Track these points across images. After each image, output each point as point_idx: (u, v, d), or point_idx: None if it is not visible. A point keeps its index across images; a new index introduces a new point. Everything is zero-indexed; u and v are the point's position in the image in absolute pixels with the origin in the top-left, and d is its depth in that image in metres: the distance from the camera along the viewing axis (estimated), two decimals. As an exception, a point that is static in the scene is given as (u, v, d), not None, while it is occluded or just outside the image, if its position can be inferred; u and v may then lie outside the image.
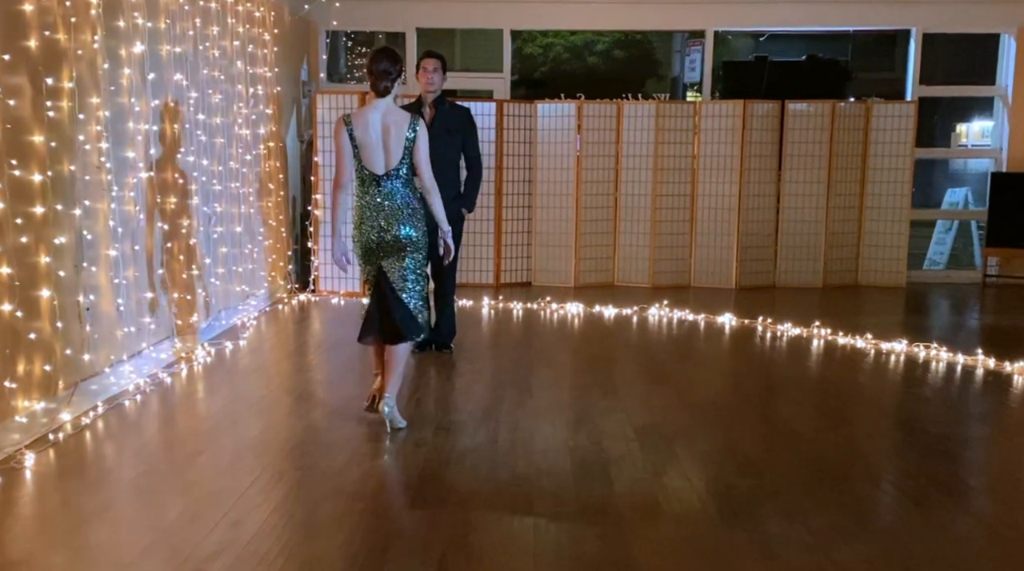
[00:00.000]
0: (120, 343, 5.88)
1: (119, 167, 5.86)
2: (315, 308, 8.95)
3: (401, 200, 4.97)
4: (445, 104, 6.86)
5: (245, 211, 8.28)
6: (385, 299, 5.02)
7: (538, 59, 22.00)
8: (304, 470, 4.51)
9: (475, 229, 10.24)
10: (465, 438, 5.06)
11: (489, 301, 9.19)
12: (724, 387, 6.25)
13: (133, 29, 6.03)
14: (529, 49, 22.09)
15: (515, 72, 22.41)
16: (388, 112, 4.97)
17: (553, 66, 21.84)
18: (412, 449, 4.85)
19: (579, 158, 10.31)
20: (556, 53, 21.92)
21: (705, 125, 10.44)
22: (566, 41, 21.75)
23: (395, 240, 4.94)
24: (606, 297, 9.47)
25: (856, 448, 4.98)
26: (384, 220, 4.95)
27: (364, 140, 4.93)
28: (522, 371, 6.63)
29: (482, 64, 21.81)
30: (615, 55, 21.31)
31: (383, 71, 4.96)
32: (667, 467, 4.62)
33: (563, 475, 4.49)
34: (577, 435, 5.12)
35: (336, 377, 6.52)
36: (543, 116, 10.38)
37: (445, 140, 6.72)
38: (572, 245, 10.40)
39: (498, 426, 5.28)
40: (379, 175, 4.94)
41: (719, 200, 10.46)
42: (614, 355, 7.15)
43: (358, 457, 4.73)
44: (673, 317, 8.65)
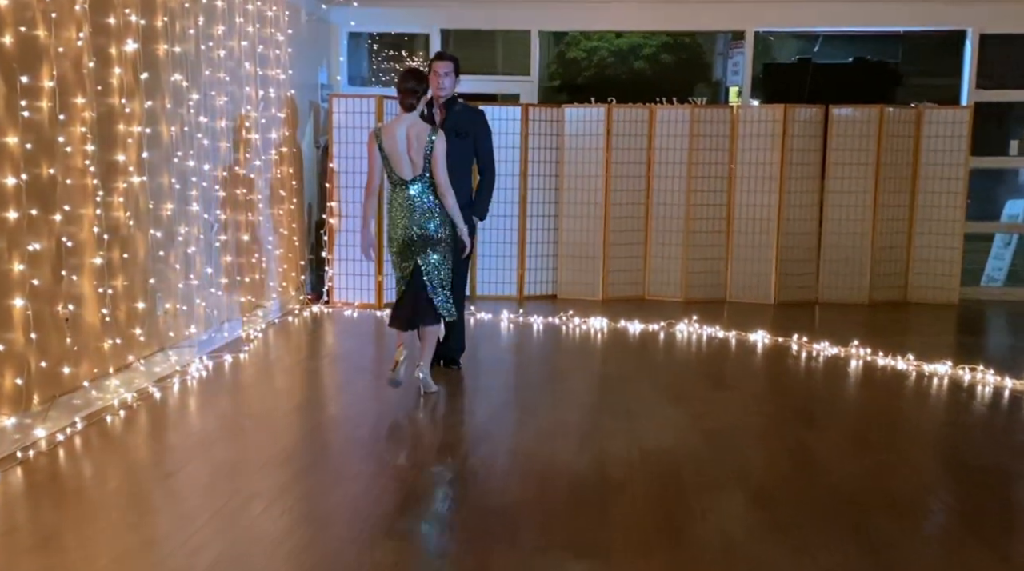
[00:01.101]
0: (106, 356, 5.79)
1: (107, 171, 5.79)
2: (327, 320, 8.84)
3: (427, 201, 5.89)
4: (457, 105, 6.72)
5: (253, 219, 8.20)
6: (413, 290, 5.91)
7: (582, 63, 21.84)
8: (276, 495, 4.36)
9: (497, 239, 10.09)
10: (456, 462, 4.88)
11: (509, 315, 9.02)
12: (745, 410, 6.02)
13: (125, 26, 5.96)
14: (572, 53, 21.94)
15: (558, 77, 22.34)
16: (413, 125, 5.86)
17: (597, 71, 21.65)
18: (395, 474, 4.69)
19: (608, 165, 10.10)
20: (600, 57, 21.73)
21: (743, 131, 10.19)
22: (611, 45, 21.55)
23: (424, 234, 5.86)
24: (634, 312, 9.25)
25: (881, 479, 4.72)
26: (412, 218, 5.85)
27: (392, 151, 5.85)
28: (530, 390, 6.46)
29: (523, 68, 21.74)
30: (662, 59, 21.08)
31: (410, 90, 5.86)
32: (669, 496, 4.41)
33: (555, 503, 4.30)
34: (578, 459, 4.92)
35: (332, 394, 6.39)
36: (571, 121, 10.20)
37: (455, 144, 6.56)
38: (600, 256, 10.19)
39: (494, 449, 5.11)
40: (407, 180, 5.85)
41: (757, 210, 10.20)
42: (632, 374, 6.94)
43: (335, 482, 4.57)
44: (702, 334, 8.41)
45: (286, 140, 9.02)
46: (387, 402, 6.09)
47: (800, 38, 12.29)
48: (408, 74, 6.00)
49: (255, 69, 8.25)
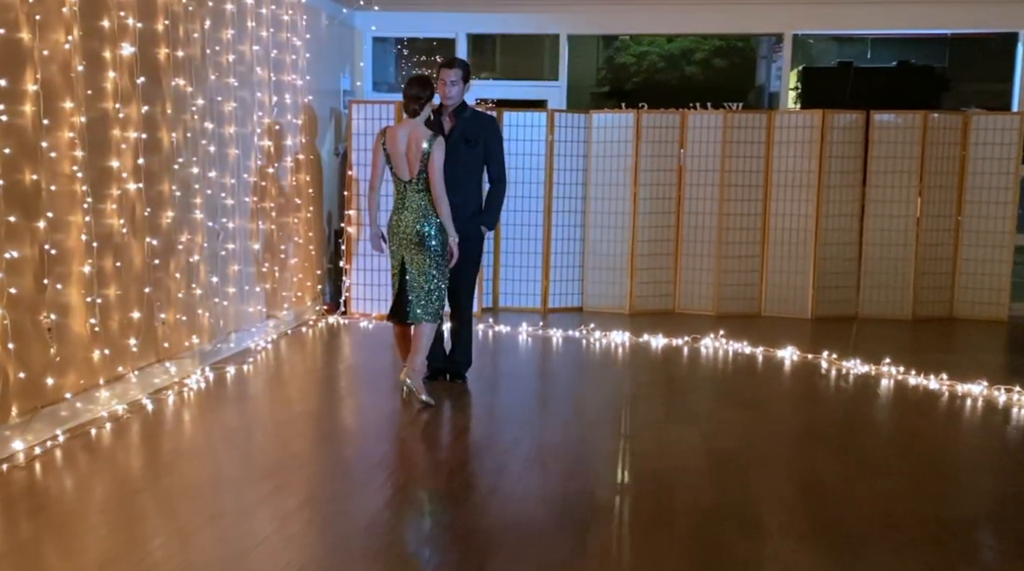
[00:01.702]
0: (95, 366, 5.75)
1: (99, 177, 5.75)
2: (343, 331, 8.76)
3: (425, 203, 6.08)
4: (467, 112, 6.61)
5: (265, 227, 8.15)
6: (405, 286, 6.15)
7: (631, 69, 21.66)
8: (242, 515, 4.26)
9: (521, 249, 9.96)
10: (440, 482, 4.75)
11: (527, 328, 8.88)
12: (759, 430, 5.81)
13: (120, 30, 5.93)
14: (622, 58, 21.77)
15: (607, 83, 22.17)
16: (415, 129, 6.06)
17: (647, 76, 21.44)
18: (370, 495, 4.56)
19: (636, 172, 9.92)
20: (651, 62, 21.53)
21: (779, 137, 9.95)
22: (661, 50, 21.33)
23: (416, 235, 6.06)
24: (662, 325, 9.05)
25: (889, 507, 4.50)
26: (411, 217, 6.08)
27: (394, 152, 6.09)
28: (533, 407, 6.31)
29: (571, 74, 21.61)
30: (715, 64, 20.81)
31: (414, 96, 6.09)
32: (655, 523, 4.23)
33: (534, 530, 4.15)
34: (567, 482, 4.77)
35: (327, 408, 6.29)
36: (598, 127, 10.04)
37: (464, 151, 6.47)
38: (627, 268, 10.01)
39: (482, 470, 4.97)
40: (405, 181, 6.09)
41: (794, 220, 9.95)
42: (645, 391, 6.76)
43: (306, 502, 4.46)
44: (728, 349, 8.19)
45: (303, 147, 8.98)
46: (381, 418, 5.99)
47: (841, 41, 12.00)
48: (412, 80, 6.17)
49: (268, 74, 8.21)
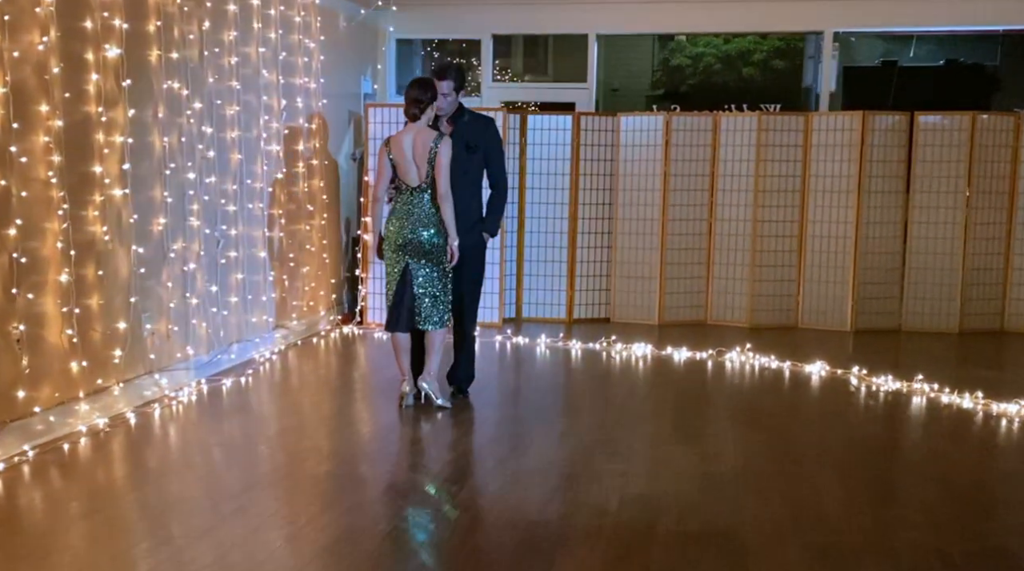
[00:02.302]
0: (74, 379, 5.64)
1: (79, 183, 5.65)
2: (357, 342, 8.62)
3: (428, 209, 6.02)
4: (465, 116, 6.42)
5: (272, 234, 8.03)
6: (409, 292, 6.05)
7: (686, 70, 21.38)
8: (193, 541, 4.10)
9: (546, 258, 9.74)
10: (410, 503, 4.55)
11: (547, 339, 8.65)
12: (765, 451, 5.52)
13: (104, 31, 5.83)
14: (677, 60, 21.51)
15: (662, 85, 21.89)
16: (420, 132, 6.00)
17: (703, 78, 21.16)
18: (334, 518, 4.37)
19: (666, 178, 9.65)
20: (706, 64, 21.23)
21: (817, 140, 9.62)
22: (718, 51, 21.03)
23: (419, 241, 5.99)
24: (689, 338, 8.77)
25: (889, 537, 4.21)
26: (412, 223, 6.00)
27: (399, 159, 6.01)
28: (530, 423, 6.09)
29: (626, 76, 21.33)
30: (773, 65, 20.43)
31: (414, 99, 6.01)
32: (630, 552, 3.99)
33: (503, 555, 3.93)
34: (549, 505, 4.54)
35: (317, 422, 6.11)
36: (626, 131, 9.79)
37: (464, 158, 6.29)
38: (656, 277, 9.73)
39: (464, 489, 4.76)
40: (414, 187, 6.00)
41: (833, 228, 9.60)
42: (653, 408, 6.51)
43: (267, 525, 4.29)
44: (753, 363, 7.88)
45: (316, 152, 8.86)
46: (368, 432, 5.82)
47: (885, 39, 11.61)
48: (414, 83, 6.09)
49: (277, 77, 8.10)
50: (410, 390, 6.30)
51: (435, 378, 6.28)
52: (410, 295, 6.11)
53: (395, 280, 6.15)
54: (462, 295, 6.44)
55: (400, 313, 6.16)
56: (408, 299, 6.12)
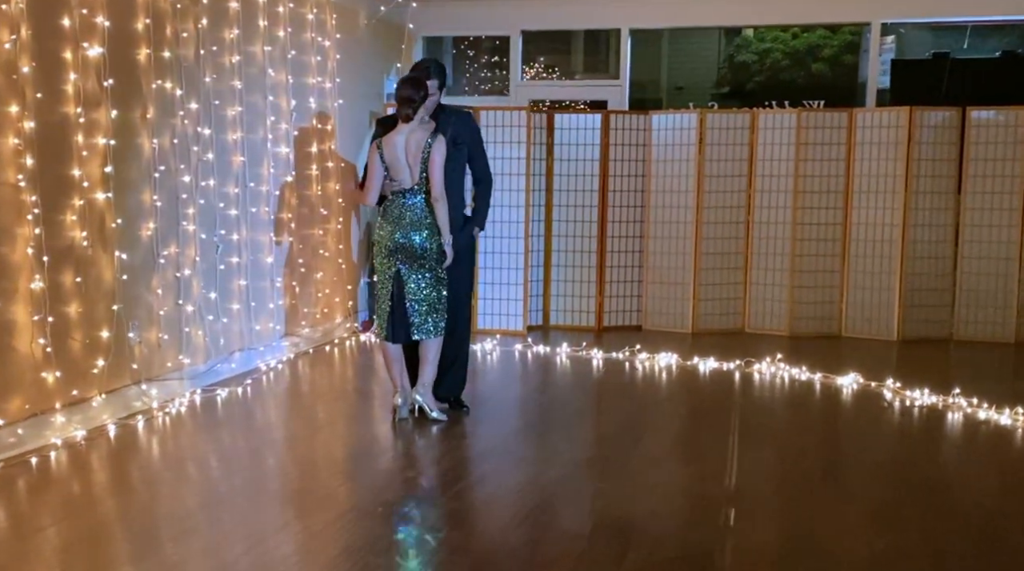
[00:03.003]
0: (48, 390, 5.52)
1: (55, 186, 5.53)
2: (374, 350, 8.41)
3: (420, 212, 5.82)
4: (445, 112, 6.20)
5: (280, 239, 7.88)
6: (403, 301, 5.87)
7: (752, 67, 20.93)
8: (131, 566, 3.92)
9: (573, 262, 9.46)
10: (372, 526, 4.32)
11: (567, 348, 8.37)
12: (770, 471, 5.20)
13: (85, 29, 5.70)
14: (743, 56, 21.05)
15: (727, 83, 21.46)
16: (412, 132, 5.81)
17: (770, 74, 20.68)
18: (289, 539, 4.16)
19: (700, 178, 9.31)
20: (774, 60, 20.75)
21: (862, 138, 9.20)
22: (786, 46, 20.53)
23: (411, 246, 5.80)
24: (724, 347, 8.43)
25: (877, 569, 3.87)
26: (404, 226, 5.81)
27: (392, 160, 5.82)
28: (524, 439, 5.86)
29: (691, 74, 20.91)
30: (845, 61, 19.87)
31: (406, 99, 5.80)
32: (592, 588, 3.71)
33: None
34: (518, 529, 4.28)
35: (306, 436, 5.91)
36: (658, 129, 9.47)
37: (450, 156, 6.06)
38: (690, 283, 9.39)
39: (427, 511, 4.53)
40: (406, 189, 5.81)
41: (878, 230, 9.18)
42: (659, 422, 6.22)
43: (214, 549, 4.09)
44: (781, 375, 7.52)
45: (332, 155, 8.69)
46: (349, 451, 5.62)
47: (936, 29, 11.11)
48: (403, 82, 5.92)
49: (286, 77, 7.94)
50: (403, 403, 6.09)
51: (429, 390, 6.08)
52: (403, 302, 5.91)
53: (387, 287, 5.96)
54: (455, 300, 6.22)
55: (394, 322, 5.97)
56: (401, 307, 5.92)
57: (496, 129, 9.06)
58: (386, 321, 5.98)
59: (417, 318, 5.90)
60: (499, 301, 9.17)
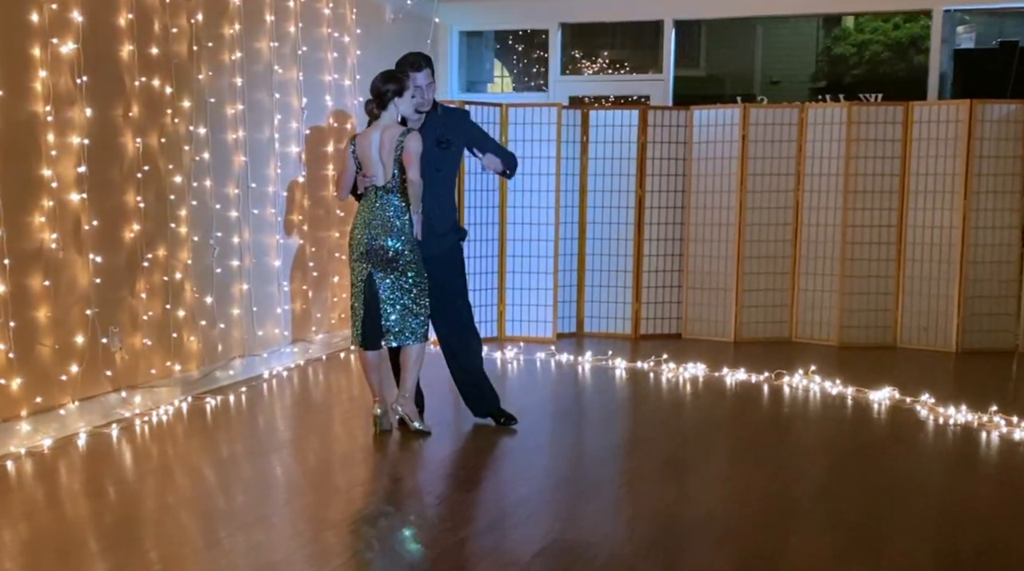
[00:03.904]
0: (12, 397, 5.44)
1: (20, 187, 5.45)
2: (393, 358, 8.20)
3: (392, 212, 5.63)
4: (437, 110, 5.96)
5: (288, 242, 7.75)
6: (377, 305, 5.68)
7: (851, 60, 20.31)
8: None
9: (608, 266, 9.15)
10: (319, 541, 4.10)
11: (591, 357, 8.06)
12: (763, 494, 4.83)
13: (55, 24, 5.62)
14: (840, 49, 20.44)
15: (823, 76, 20.87)
16: (387, 128, 5.65)
17: (869, 67, 20.04)
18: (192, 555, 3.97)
19: (743, 177, 8.91)
20: (873, 52, 20.11)
21: (918, 133, 8.70)
22: (886, 38, 19.88)
23: (382, 249, 5.62)
24: (766, 357, 8.04)
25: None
26: (374, 228, 5.64)
27: (364, 156, 5.69)
28: (504, 455, 5.58)
29: (787, 68, 20.34)
30: (956, 52, 19.15)
31: (375, 92, 5.68)
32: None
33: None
34: (451, 552, 4.02)
35: (288, 448, 5.73)
36: (700, 126, 9.10)
37: (436, 155, 5.84)
38: (732, 289, 8.99)
39: (369, 533, 4.28)
40: (379, 186, 5.65)
41: (936, 233, 8.67)
42: (660, 438, 5.90)
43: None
44: (811, 389, 7.10)
45: (351, 153, 8.52)
46: (319, 464, 5.43)
47: (1003, 16, 10.46)
48: (377, 76, 5.76)
49: (297, 74, 7.81)
50: (382, 413, 5.91)
51: (411, 400, 5.86)
52: (376, 307, 5.72)
53: (360, 291, 5.77)
54: (454, 309, 5.99)
55: (367, 328, 5.78)
56: (374, 312, 5.73)
57: (525, 127, 8.80)
58: (359, 326, 5.81)
59: (391, 323, 5.70)
60: (527, 307, 8.90)
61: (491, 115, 8.74)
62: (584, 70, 11.01)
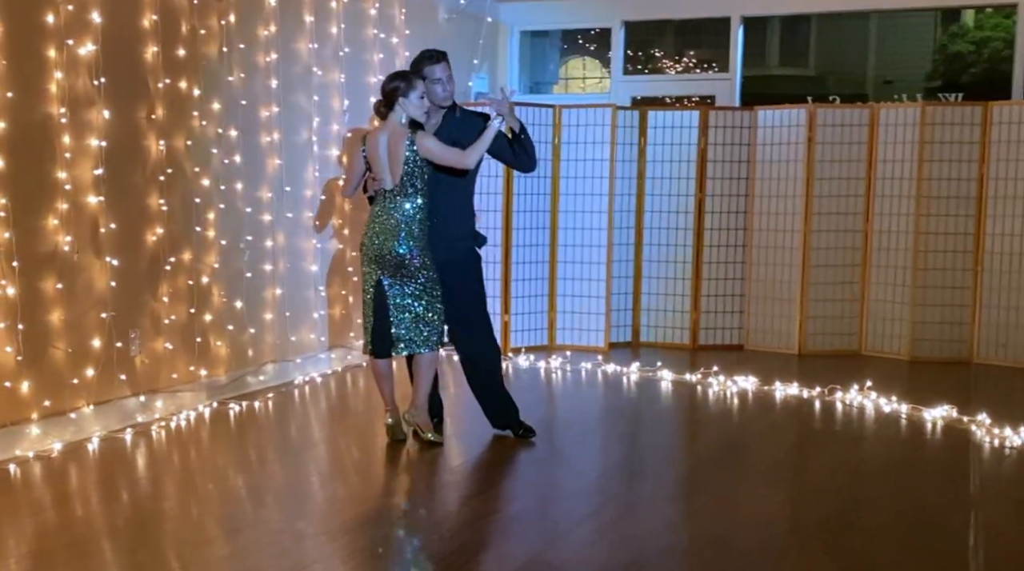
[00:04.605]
0: (21, 400, 5.51)
1: (34, 190, 5.52)
2: (443, 364, 8.12)
3: (401, 217, 5.52)
4: (456, 113, 5.84)
5: (329, 246, 7.75)
6: (386, 312, 5.57)
7: (968, 58, 19.65)
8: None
9: (665, 273, 8.93)
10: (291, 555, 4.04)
11: (638, 368, 7.87)
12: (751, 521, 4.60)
13: (72, 25, 5.68)
14: (957, 46, 19.79)
15: (938, 75, 20.23)
16: (395, 131, 5.55)
17: (988, 66, 19.36)
18: None
19: (810, 182, 8.60)
20: (993, 50, 19.42)
21: (998, 135, 8.28)
22: (1008, 34, 19.19)
23: (391, 255, 5.51)
24: (826, 371, 7.73)
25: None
26: (383, 233, 5.54)
27: (373, 159, 5.61)
28: (507, 471, 5.45)
29: (902, 66, 19.76)
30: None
31: (383, 92, 5.59)
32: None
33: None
34: None
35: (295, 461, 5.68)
36: (764, 127, 8.81)
37: None
38: (796, 299, 8.68)
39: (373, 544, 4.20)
40: (388, 190, 5.57)
41: (1016, 242, 8.23)
42: (679, 455, 5.75)
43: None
44: (864, 405, 6.79)
45: (399, 156, 8.48)
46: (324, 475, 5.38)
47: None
48: (387, 77, 5.69)
49: (339, 76, 7.80)
50: (394, 422, 5.83)
51: (424, 410, 5.77)
52: (385, 314, 5.64)
53: (371, 297, 5.69)
54: (471, 323, 5.88)
55: (377, 335, 5.70)
56: (383, 318, 5.65)
57: (579, 128, 8.65)
58: (370, 333, 5.73)
59: (402, 331, 5.61)
60: (578, 315, 8.74)
61: (543, 116, 8.61)
62: (649, 70, 10.79)
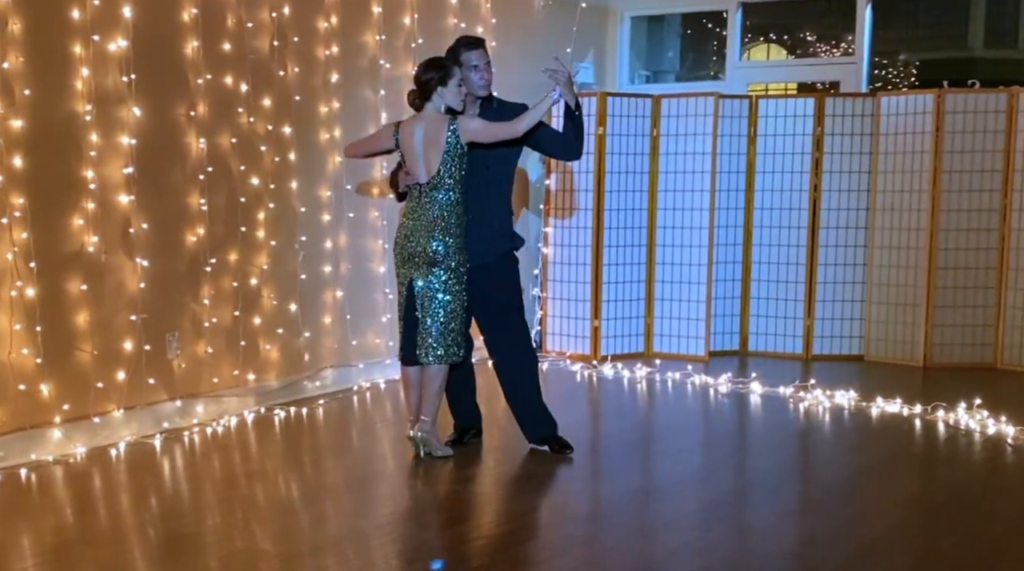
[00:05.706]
0: (41, 403, 5.57)
1: (56, 188, 5.58)
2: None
3: (436, 212, 5.35)
4: (493, 103, 5.61)
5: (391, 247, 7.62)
6: (413, 316, 5.46)
7: None
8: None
9: (777, 277, 8.42)
10: None
11: (727, 378, 7.40)
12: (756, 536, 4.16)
13: (99, 20, 5.72)
14: None
15: None
16: (430, 122, 5.38)
17: None
18: None
19: (936, 174, 7.93)
20: None
21: None
22: None
23: (424, 253, 5.34)
24: (953, 386, 7.11)
25: None
26: (418, 231, 5.38)
27: (407, 149, 5.44)
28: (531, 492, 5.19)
29: None
30: None
31: (418, 82, 5.40)
32: None
33: None
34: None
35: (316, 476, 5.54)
36: (887, 115, 8.19)
37: (486, 155, 5.50)
38: (922, 305, 8.02)
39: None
40: (423, 183, 5.39)
41: None
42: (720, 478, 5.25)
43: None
44: (969, 426, 6.20)
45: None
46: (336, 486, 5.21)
47: None
48: (420, 66, 5.51)
49: (412, 69, 7.65)
50: (415, 434, 5.62)
51: (433, 426, 5.56)
52: (413, 317, 5.50)
53: (403, 300, 5.57)
54: (507, 327, 5.65)
55: (406, 341, 5.58)
56: (411, 322, 5.51)
57: (680, 119, 8.26)
58: (401, 338, 5.63)
59: (427, 339, 5.43)
60: (676, 321, 8.33)
61: (640, 108, 8.26)
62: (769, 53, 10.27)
